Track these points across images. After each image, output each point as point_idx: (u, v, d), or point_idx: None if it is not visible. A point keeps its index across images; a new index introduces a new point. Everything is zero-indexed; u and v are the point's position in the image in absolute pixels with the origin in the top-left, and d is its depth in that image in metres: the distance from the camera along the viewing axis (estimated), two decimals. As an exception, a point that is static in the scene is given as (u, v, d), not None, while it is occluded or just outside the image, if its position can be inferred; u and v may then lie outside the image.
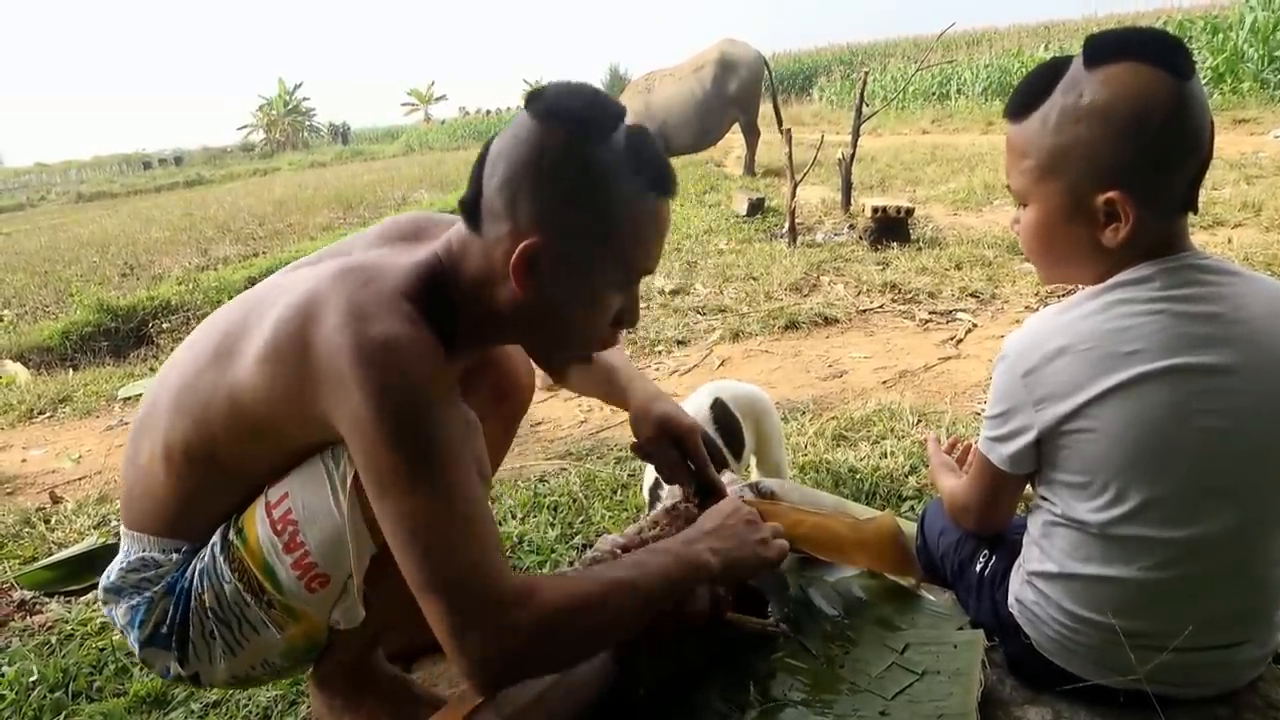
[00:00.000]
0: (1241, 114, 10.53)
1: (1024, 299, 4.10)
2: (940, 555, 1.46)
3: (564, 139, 1.02)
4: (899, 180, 8.76)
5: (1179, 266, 1.07)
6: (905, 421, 2.66)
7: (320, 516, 1.10)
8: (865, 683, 1.27)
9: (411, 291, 1.07)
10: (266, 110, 45.97)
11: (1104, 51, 1.06)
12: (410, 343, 1.01)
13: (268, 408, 1.08)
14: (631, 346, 3.97)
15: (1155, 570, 1.08)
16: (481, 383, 1.40)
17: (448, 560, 0.97)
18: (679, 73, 10.51)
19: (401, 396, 0.98)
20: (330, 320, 1.02)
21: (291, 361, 1.04)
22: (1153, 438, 1.05)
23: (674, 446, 1.45)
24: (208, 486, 1.18)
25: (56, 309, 7.31)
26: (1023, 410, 1.13)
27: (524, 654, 0.99)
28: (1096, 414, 1.07)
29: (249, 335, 1.11)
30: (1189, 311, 1.05)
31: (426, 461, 0.99)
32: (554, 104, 1.04)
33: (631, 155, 1.05)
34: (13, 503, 2.88)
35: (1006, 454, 1.17)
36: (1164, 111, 1.02)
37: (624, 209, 1.05)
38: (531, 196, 1.03)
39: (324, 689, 1.32)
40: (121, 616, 1.22)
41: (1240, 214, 5.30)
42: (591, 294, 1.10)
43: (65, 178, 36.72)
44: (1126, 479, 1.07)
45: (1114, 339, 1.06)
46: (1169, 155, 1.04)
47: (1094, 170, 1.06)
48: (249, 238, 10.60)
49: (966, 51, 22.67)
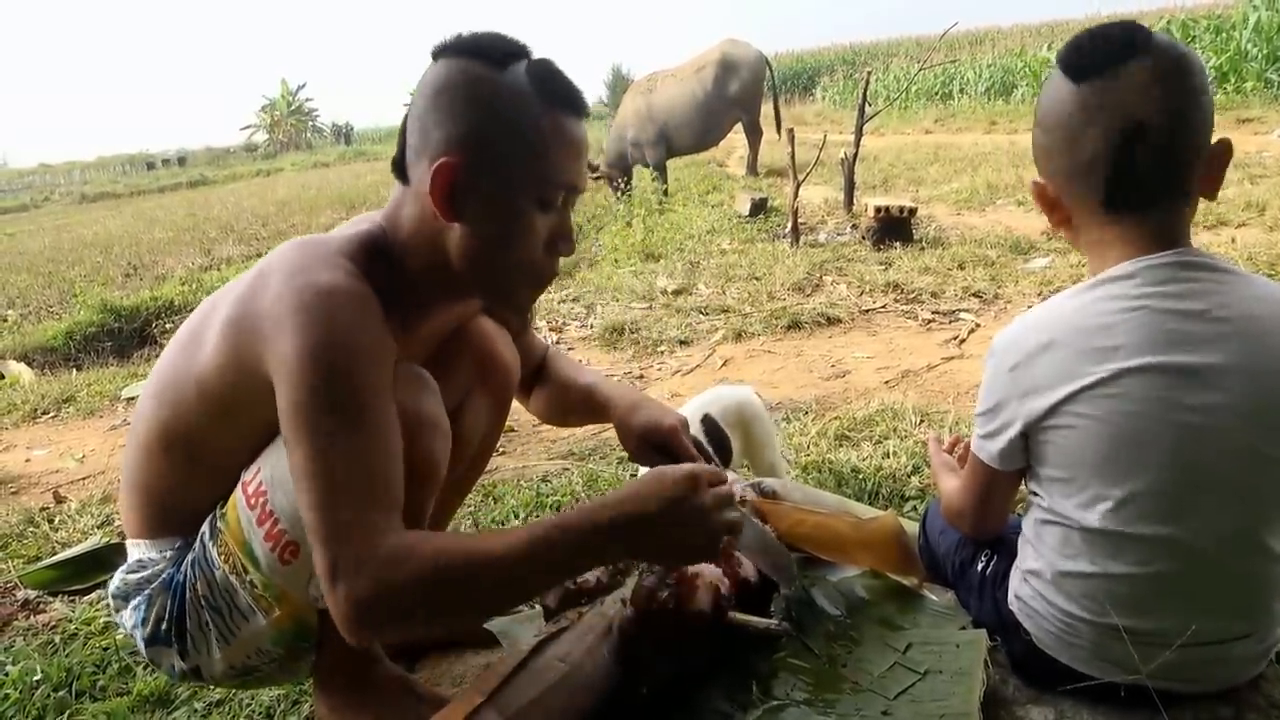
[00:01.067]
0: (1245, 114, 10.51)
1: (1027, 299, 4.09)
2: (942, 555, 1.46)
3: (461, 65, 1.09)
4: (902, 180, 8.76)
5: (1164, 264, 1.07)
6: (908, 421, 2.66)
7: (286, 482, 1.10)
8: (868, 682, 1.27)
9: (351, 251, 1.12)
10: (270, 111, 45.98)
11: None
12: (345, 293, 1.04)
13: (227, 378, 1.11)
14: (634, 347, 3.97)
15: (1142, 566, 1.09)
16: (461, 361, 1.40)
17: (332, 513, 0.97)
18: (680, 73, 10.50)
19: (327, 342, 1.01)
20: (273, 281, 1.07)
21: (240, 327, 1.09)
22: (1132, 434, 1.06)
23: (659, 453, 1.43)
24: (188, 477, 1.22)
25: (60, 309, 7.33)
26: (1009, 404, 1.15)
27: (389, 611, 0.97)
28: (1078, 409, 1.08)
29: (213, 318, 1.15)
30: (1171, 308, 1.05)
31: (338, 406, 1.00)
32: (451, 43, 1.12)
33: (534, 78, 1.09)
34: (17, 502, 2.88)
35: (995, 450, 1.18)
36: (1053, 114, 1.11)
37: (528, 122, 1.08)
38: (438, 124, 1.09)
39: (326, 688, 1.32)
40: (128, 619, 1.25)
41: (1244, 214, 5.29)
42: (513, 212, 1.12)
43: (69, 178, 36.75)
44: (1107, 474, 1.08)
45: (1097, 334, 1.07)
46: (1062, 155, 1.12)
47: (1036, 163, 1.18)
48: (252, 238, 10.62)
49: (969, 51, 22.66)
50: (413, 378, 1.20)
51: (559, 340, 4.30)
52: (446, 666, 1.53)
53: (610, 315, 4.45)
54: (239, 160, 39.93)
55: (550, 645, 1.26)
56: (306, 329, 1.00)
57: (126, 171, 37.94)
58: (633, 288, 5.01)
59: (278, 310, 1.03)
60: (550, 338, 4.33)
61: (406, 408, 1.14)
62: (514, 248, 1.14)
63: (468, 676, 1.47)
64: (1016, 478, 1.23)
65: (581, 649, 1.26)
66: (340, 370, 1.01)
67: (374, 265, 1.12)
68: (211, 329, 1.14)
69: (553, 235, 1.16)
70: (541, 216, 1.13)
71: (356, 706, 1.31)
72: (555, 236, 1.17)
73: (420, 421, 1.17)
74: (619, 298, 4.85)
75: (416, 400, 1.17)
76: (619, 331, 4.14)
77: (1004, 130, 12.97)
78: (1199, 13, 16.38)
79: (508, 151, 1.09)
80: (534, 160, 1.10)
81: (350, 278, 1.07)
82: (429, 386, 1.20)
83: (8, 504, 2.87)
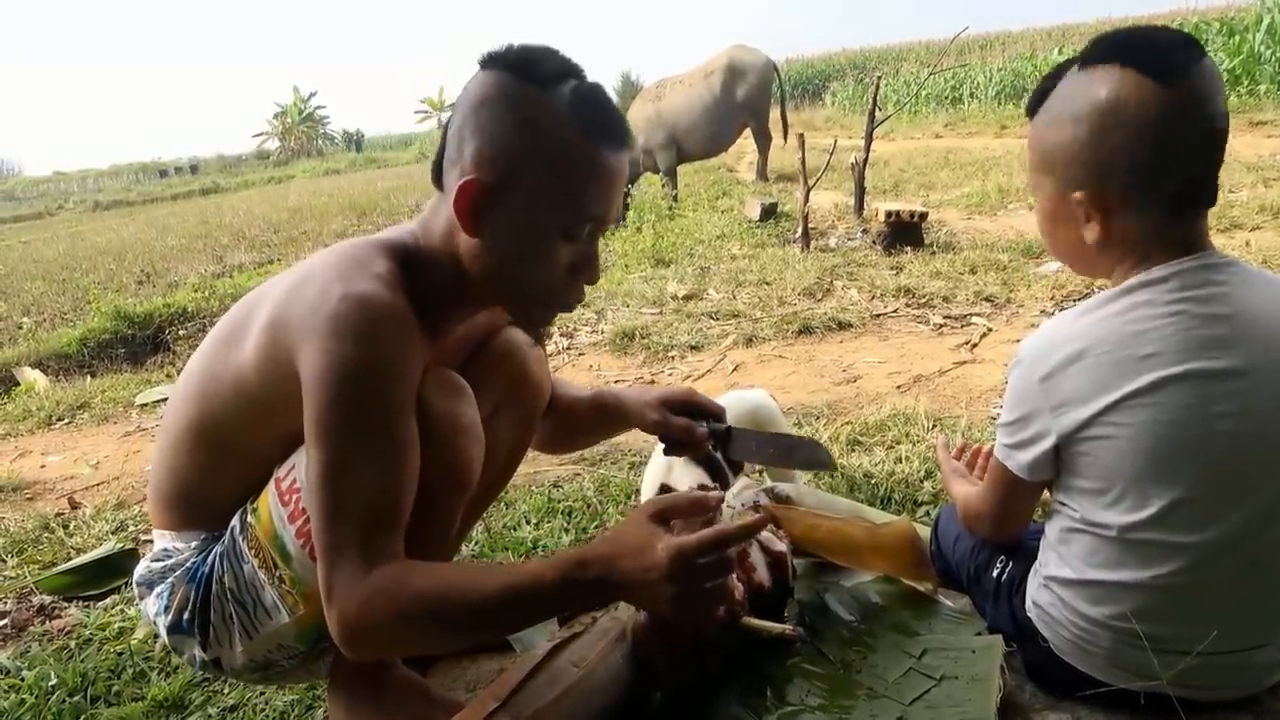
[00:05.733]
0: (1259, 116, 10.44)
1: (1039, 303, 4.08)
2: (955, 561, 1.45)
3: (504, 80, 1.08)
4: (912, 184, 8.74)
5: (1195, 267, 1.06)
6: (920, 426, 2.65)
7: None
8: (882, 688, 1.27)
9: (389, 257, 1.13)
10: (281, 118, 46.29)
11: (1097, 53, 1.09)
12: (380, 305, 1.05)
13: (266, 379, 1.13)
14: (645, 352, 3.97)
15: (1173, 575, 1.07)
16: (493, 377, 1.40)
17: (335, 529, 1.02)
18: (689, 79, 10.52)
19: (356, 355, 1.02)
20: (315, 285, 1.08)
21: (280, 330, 1.10)
22: (1173, 442, 1.05)
23: (680, 413, 1.52)
24: (217, 472, 1.23)
25: (74, 316, 7.39)
26: (1040, 416, 1.12)
27: (373, 638, 1.02)
28: (1116, 419, 1.06)
29: (254, 318, 1.16)
30: (1206, 313, 1.04)
31: (356, 426, 1.02)
32: (499, 54, 1.10)
33: (577, 102, 1.08)
34: (32, 508, 2.90)
35: (1025, 461, 1.16)
36: (1136, 117, 1.04)
37: (563, 149, 1.07)
38: (474, 136, 1.08)
39: (340, 692, 1.32)
40: (151, 607, 1.27)
41: (1258, 217, 5.25)
42: (535, 237, 1.11)
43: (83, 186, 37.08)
44: (1148, 484, 1.07)
45: (1132, 342, 1.06)
46: (1140, 159, 1.06)
47: (1069, 170, 1.11)
48: (264, 245, 10.69)
49: (980, 55, 22.64)
50: (450, 383, 1.20)
51: (570, 345, 4.30)
52: (460, 671, 1.53)
53: (621, 320, 4.45)
54: (251, 168, 40.23)
55: (564, 650, 1.26)
56: (338, 340, 1.02)
57: (140, 179, 38.24)
58: (643, 293, 5.01)
59: (314, 318, 1.04)
60: (561, 343, 4.34)
61: (443, 412, 1.15)
62: (531, 270, 1.14)
63: (481, 681, 1.47)
64: (1042, 487, 1.21)
65: (595, 654, 1.25)
66: (365, 386, 1.02)
67: (408, 271, 1.13)
68: (252, 328, 1.15)
69: (576, 262, 1.15)
70: (565, 245, 1.13)
71: (370, 710, 1.31)
72: (578, 263, 1.15)
73: (457, 426, 1.18)
74: (629, 303, 4.85)
75: (453, 405, 1.18)
76: (630, 337, 4.14)
77: (1015, 134, 12.92)
78: (1212, 15, 16.31)
79: (537, 177, 1.08)
80: (563, 190, 1.09)
81: (387, 289, 1.07)
82: (465, 393, 1.20)
83: (23, 510, 2.89)
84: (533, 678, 1.20)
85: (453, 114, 1.13)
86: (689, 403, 1.53)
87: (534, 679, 1.20)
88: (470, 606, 1.02)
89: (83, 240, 13.87)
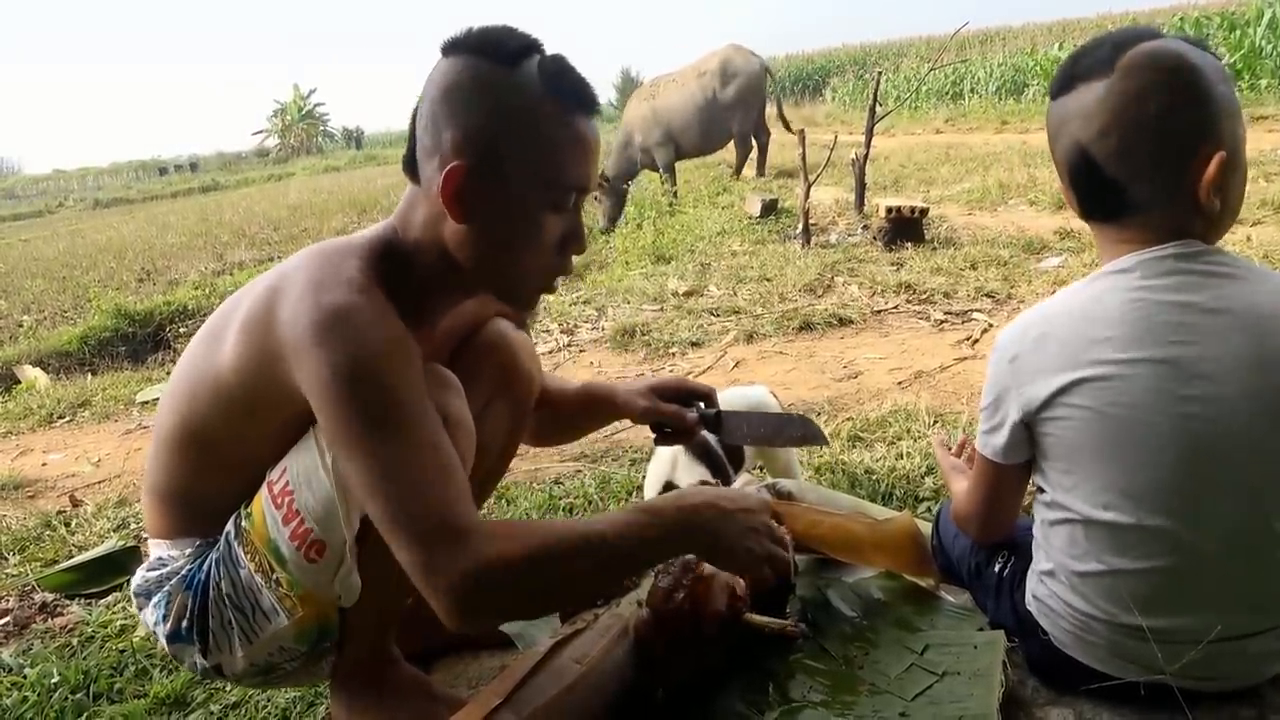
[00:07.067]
0: (1259, 111, 10.42)
1: (1040, 298, 4.04)
2: (957, 557, 1.45)
3: (470, 64, 1.08)
4: (913, 180, 8.73)
5: (1162, 257, 1.07)
6: (921, 422, 2.65)
7: (312, 481, 1.13)
8: (885, 684, 1.27)
9: (366, 258, 1.12)
10: (281, 115, 46.20)
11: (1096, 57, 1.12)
12: (361, 309, 1.05)
13: (246, 381, 1.13)
14: (645, 349, 3.97)
15: (1149, 560, 1.08)
16: (483, 370, 1.39)
17: (412, 500, 1.00)
18: (682, 78, 10.54)
19: (355, 360, 1.02)
20: (292, 293, 1.07)
21: (259, 334, 1.10)
22: (1130, 425, 1.06)
23: (670, 399, 1.53)
24: (207, 476, 1.23)
25: (75, 314, 7.40)
26: (1008, 396, 1.15)
27: (493, 587, 1.00)
28: (1074, 400, 1.08)
29: (233, 318, 1.16)
30: (1168, 300, 1.05)
31: (382, 417, 1.02)
32: (460, 39, 1.11)
33: (546, 76, 1.09)
34: (34, 506, 2.90)
35: (999, 444, 1.18)
36: (1097, 116, 1.09)
37: (542, 124, 1.08)
38: (448, 124, 1.08)
39: (342, 690, 1.32)
40: (150, 617, 1.26)
41: (1259, 212, 5.25)
42: (525, 212, 1.12)
43: (83, 184, 37.05)
44: (1107, 466, 1.08)
45: (1092, 325, 1.08)
46: (1074, 163, 1.12)
47: (1058, 162, 1.18)
48: (264, 242, 10.69)
49: (980, 50, 22.62)
50: (438, 378, 1.20)
51: (571, 343, 4.30)
52: (463, 668, 1.53)
53: (621, 317, 4.45)
54: (250, 165, 40.19)
55: (566, 647, 1.26)
56: (332, 351, 1.01)
57: (139, 177, 38.23)
58: (644, 289, 5.02)
59: (297, 334, 1.04)
60: (562, 340, 4.34)
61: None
62: (526, 249, 1.14)
63: (484, 678, 1.47)
64: (1023, 474, 1.22)
65: (598, 650, 1.25)
66: (373, 384, 1.02)
67: (387, 268, 1.13)
68: (230, 330, 1.15)
69: (564, 235, 1.17)
70: (553, 217, 1.14)
71: (373, 707, 1.31)
72: (567, 236, 1.17)
73: (446, 421, 1.17)
74: (630, 300, 4.86)
75: (443, 400, 1.17)
76: (630, 333, 4.14)
77: (1015, 130, 12.91)
78: (1213, 9, 16.28)
79: (519, 154, 1.09)
80: (545, 162, 1.10)
81: (363, 291, 1.07)
82: (454, 387, 1.21)
83: (25, 508, 2.89)
84: (535, 674, 1.20)
85: (420, 104, 1.12)
86: (679, 389, 1.54)
87: (536, 676, 1.20)
88: (589, 548, 1.05)
89: (83, 238, 13.85)
